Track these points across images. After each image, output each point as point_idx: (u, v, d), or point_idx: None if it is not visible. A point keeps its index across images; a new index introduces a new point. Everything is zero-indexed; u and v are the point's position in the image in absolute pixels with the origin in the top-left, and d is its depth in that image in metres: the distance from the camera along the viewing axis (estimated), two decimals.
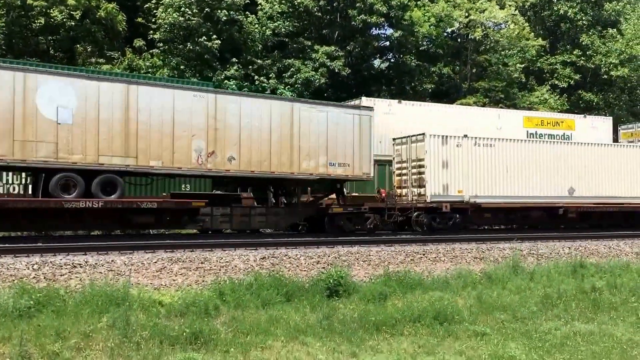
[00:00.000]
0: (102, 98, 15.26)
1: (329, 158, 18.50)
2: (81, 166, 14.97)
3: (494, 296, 12.67)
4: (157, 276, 12.01)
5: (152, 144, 15.82)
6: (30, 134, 14.44)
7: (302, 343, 9.56)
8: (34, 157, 14.49)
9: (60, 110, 14.77)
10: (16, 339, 8.27)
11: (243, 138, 17.09)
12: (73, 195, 14.86)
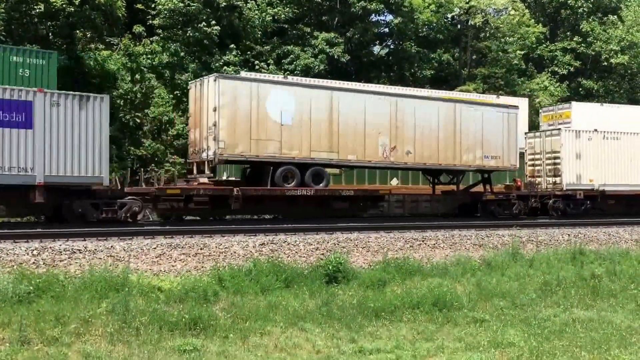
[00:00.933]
0: (314, 104, 18.30)
1: (484, 152, 21.26)
2: (298, 160, 18.03)
3: (493, 283, 12.70)
4: (157, 262, 12.01)
5: (349, 141, 18.83)
6: (262, 134, 17.45)
7: (301, 329, 9.58)
8: (264, 153, 17.52)
9: (283, 114, 17.72)
10: (16, 324, 8.29)
11: (417, 135, 19.96)
12: (292, 184, 17.92)
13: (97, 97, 15.40)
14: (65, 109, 14.78)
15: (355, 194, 19.40)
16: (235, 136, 17.02)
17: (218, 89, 16.92)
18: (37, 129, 14.36)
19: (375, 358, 8.38)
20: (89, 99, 15.18)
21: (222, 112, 16.86)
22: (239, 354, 8.33)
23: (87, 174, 14.99)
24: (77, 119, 14.90)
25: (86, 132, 14.99)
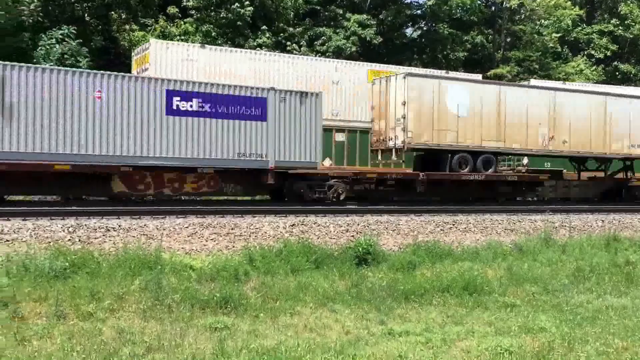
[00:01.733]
0: (484, 98, 20.13)
1: (631, 141, 22.74)
2: (471, 148, 19.92)
3: (524, 268, 12.55)
4: (189, 241, 12.17)
5: (514, 131, 20.60)
6: (442, 124, 19.43)
7: (330, 310, 9.63)
8: (444, 141, 19.51)
9: (460, 107, 19.64)
10: (52, 299, 8.50)
11: (572, 125, 21.57)
12: (465, 170, 19.86)
13: (313, 94, 17.74)
14: (290, 104, 17.15)
15: (519, 179, 21.33)
16: (420, 127, 19.20)
17: (407, 85, 19.11)
18: (270, 121, 16.84)
19: (405, 340, 8.37)
20: (307, 95, 17.56)
21: (410, 105, 19.05)
22: (269, 333, 8.42)
23: (305, 159, 17.32)
24: (298, 113, 17.26)
25: (305, 123, 17.34)
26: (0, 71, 13.85)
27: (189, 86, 15.91)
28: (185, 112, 15.70)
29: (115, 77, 15.12)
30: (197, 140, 15.86)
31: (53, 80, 14.32)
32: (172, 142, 15.57)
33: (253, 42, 30.48)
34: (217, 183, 16.99)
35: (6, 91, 13.87)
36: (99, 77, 14.91)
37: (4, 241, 10.71)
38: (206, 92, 15.98)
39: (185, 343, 7.67)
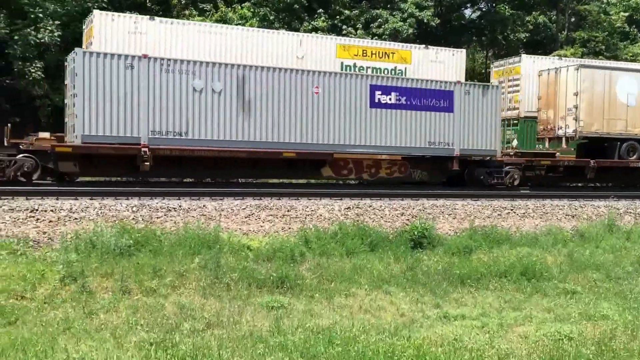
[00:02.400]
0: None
1: None
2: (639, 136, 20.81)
3: (586, 254, 12.21)
4: (246, 222, 12.41)
5: None
6: (612, 114, 20.33)
7: (385, 292, 9.66)
8: (614, 130, 20.40)
9: (629, 97, 20.46)
10: (118, 274, 8.87)
11: None
12: (633, 157, 20.55)
13: (493, 87, 19.09)
14: (473, 96, 18.25)
15: None
16: (591, 116, 20.12)
17: (579, 76, 20.07)
18: (456, 112, 18.01)
19: (460, 324, 8.33)
20: (488, 87, 18.80)
21: (582, 96, 20.00)
22: (324, 313, 8.53)
23: (486, 147, 18.42)
24: (480, 104, 18.31)
25: (486, 113, 18.36)
26: (242, 71, 15.81)
27: (388, 81, 17.67)
28: (385, 104, 17.38)
29: (329, 74, 17.02)
30: (395, 130, 17.45)
31: (282, 78, 16.27)
32: (374, 131, 17.24)
33: (309, 26, 30.48)
34: (407, 169, 18.59)
35: (246, 89, 15.79)
36: (317, 74, 16.81)
37: (73, 219, 11.21)
38: (402, 86, 17.57)
39: (243, 320, 7.88)
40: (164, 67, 15.00)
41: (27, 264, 8.93)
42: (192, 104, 15.22)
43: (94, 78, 14.35)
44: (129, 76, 14.61)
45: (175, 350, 6.56)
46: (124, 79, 14.58)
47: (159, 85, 14.90)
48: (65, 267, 8.75)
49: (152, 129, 14.86)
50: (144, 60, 14.86)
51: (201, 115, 15.33)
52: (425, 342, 7.26)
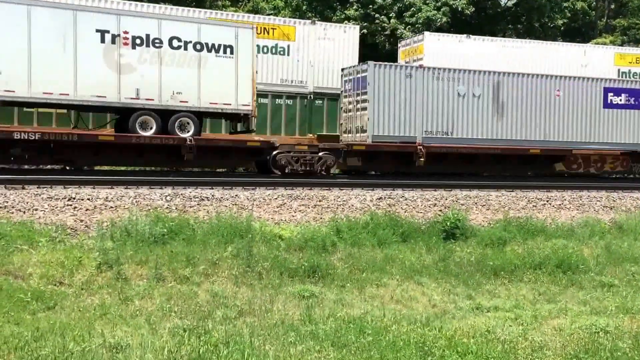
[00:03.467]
0: None
1: None
2: None
3: (624, 247, 11.94)
4: (278, 211, 12.46)
5: None
6: None
7: (417, 283, 9.62)
8: None
9: None
10: (152, 262, 9.02)
11: None
12: None
13: None
14: None
15: None
16: None
17: None
18: None
19: (494, 316, 8.24)
20: None
21: None
22: (355, 302, 8.54)
23: None
24: None
25: None
26: (497, 77, 18.13)
27: (619, 83, 19.65)
28: (616, 105, 19.34)
29: (570, 79, 19.09)
30: (622, 128, 19.28)
31: (529, 83, 18.43)
32: (605, 130, 19.19)
33: (341, 15, 30.33)
34: (628, 164, 20.30)
35: (500, 93, 18.09)
36: (559, 79, 18.94)
37: (109, 207, 11.43)
38: (630, 87, 19.54)
39: (274, 308, 7.94)
40: (435, 75, 17.61)
41: (64, 251, 9.14)
42: (456, 107, 17.75)
43: (381, 86, 17.19)
44: (408, 84, 17.38)
45: (208, 337, 6.65)
46: (404, 86, 17.34)
47: (431, 92, 17.51)
48: (101, 255, 8.93)
49: (425, 129, 17.53)
50: (420, 70, 17.77)
51: (463, 116, 17.84)
52: (457, 333, 7.21)
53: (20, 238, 9.35)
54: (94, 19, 14.49)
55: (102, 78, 14.44)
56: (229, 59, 15.62)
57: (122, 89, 14.66)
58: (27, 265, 8.53)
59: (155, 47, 14.91)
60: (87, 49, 14.32)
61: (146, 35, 14.82)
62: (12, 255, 8.77)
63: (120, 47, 14.63)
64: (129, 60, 14.71)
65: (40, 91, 14.01)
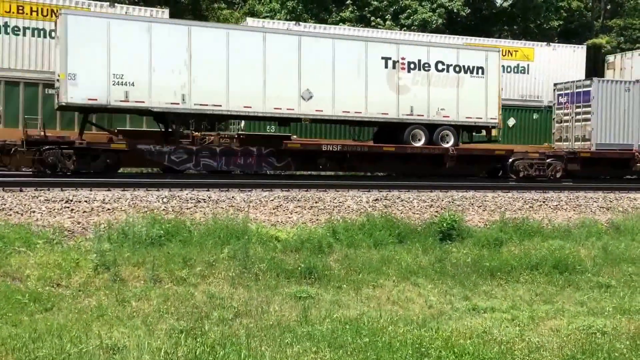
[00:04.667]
0: None
1: None
2: None
3: (621, 248, 11.97)
4: (274, 213, 12.47)
5: None
6: None
7: (413, 284, 9.62)
8: None
9: None
10: (149, 264, 9.01)
11: None
12: None
13: None
14: None
15: None
16: None
17: None
18: None
19: (490, 317, 8.25)
20: None
21: None
22: (352, 304, 8.54)
23: None
24: None
25: None
26: None
27: None
28: None
29: None
30: None
31: None
32: None
33: (336, 17, 30.37)
34: None
35: None
36: None
37: (106, 210, 11.43)
38: None
39: (271, 310, 7.93)
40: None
41: (62, 252, 9.14)
42: None
43: (604, 99, 19.45)
44: (626, 97, 19.47)
45: (204, 338, 6.65)
46: (623, 99, 19.54)
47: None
48: (98, 256, 8.92)
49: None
50: (636, 85, 19.85)
51: None
52: (454, 334, 7.22)
53: (18, 240, 9.35)
54: (380, 48, 17.55)
55: (385, 98, 17.48)
56: (480, 79, 18.44)
57: (400, 107, 17.64)
58: (25, 267, 8.53)
59: (424, 70, 17.85)
60: (374, 73, 17.36)
61: (418, 60, 17.79)
62: (9, 257, 8.77)
63: (399, 71, 17.62)
64: (405, 82, 17.71)
65: (340, 110, 17.18)
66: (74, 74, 14.83)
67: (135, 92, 15.30)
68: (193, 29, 16.02)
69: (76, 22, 14.96)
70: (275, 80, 16.46)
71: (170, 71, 15.62)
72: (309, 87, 16.76)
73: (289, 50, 16.63)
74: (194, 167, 16.28)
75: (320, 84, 16.80)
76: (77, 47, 14.88)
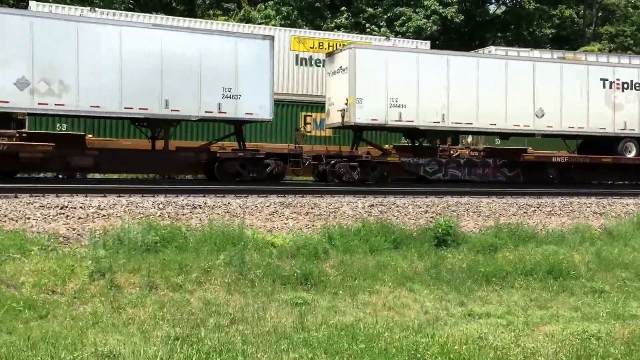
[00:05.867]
0: None
1: None
2: None
3: (614, 253, 12.04)
4: (270, 219, 12.48)
5: None
6: None
7: (409, 290, 9.64)
8: None
9: None
10: (144, 270, 9.00)
11: None
12: None
13: None
14: None
15: None
16: None
17: None
18: None
19: (485, 322, 8.28)
20: None
21: None
22: (348, 310, 8.55)
23: None
24: None
25: None
26: None
27: None
28: None
29: None
30: None
31: None
32: None
33: (331, 24, 30.48)
34: None
35: None
36: None
37: (101, 216, 11.40)
38: None
39: (267, 316, 7.93)
40: None
41: (57, 259, 9.11)
42: None
43: None
44: None
45: (200, 345, 6.65)
46: None
47: None
48: (94, 263, 8.90)
49: None
50: None
51: None
52: (450, 340, 7.23)
53: (13, 247, 9.31)
54: (598, 71, 20.04)
55: (603, 114, 19.80)
56: None
57: (615, 122, 19.95)
58: (20, 274, 8.50)
59: (635, 89, 20.24)
60: (594, 93, 19.75)
61: (630, 80, 20.26)
62: (4, 264, 8.73)
63: (614, 90, 20.02)
64: (620, 101, 20.09)
65: (566, 125, 19.64)
66: (361, 99, 17.52)
67: (406, 113, 17.92)
68: (451, 58, 18.78)
69: (362, 55, 17.75)
70: (515, 101, 18.97)
71: (433, 95, 18.16)
72: (541, 106, 19.22)
73: (525, 74, 19.15)
74: (442, 177, 18.86)
75: (550, 103, 19.30)
76: (363, 76, 17.57)
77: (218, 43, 16.26)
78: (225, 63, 16.17)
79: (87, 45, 14.86)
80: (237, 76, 16.26)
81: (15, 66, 14.24)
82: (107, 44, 15.07)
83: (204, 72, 15.91)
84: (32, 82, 14.35)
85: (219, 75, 16.08)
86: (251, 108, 16.49)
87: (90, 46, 14.89)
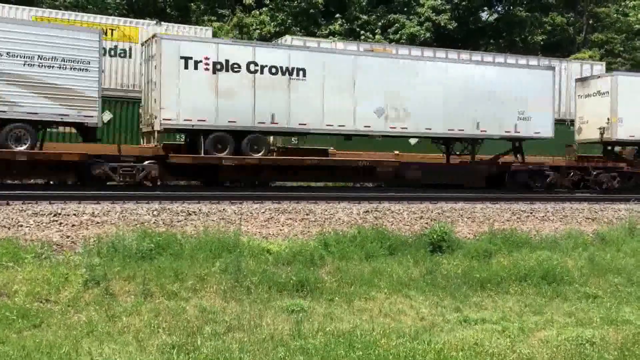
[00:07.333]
0: None
1: None
2: None
3: (607, 258, 12.10)
4: (265, 225, 12.47)
5: None
6: None
7: (405, 296, 9.65)
8: None
9: None
10: (139, 278, 8.94)
11: None
12: None
13: None
14: None
15: None
16: None
17: None
18: None
19: (481, 328, 8.30)
20: None
21: None
22: (344, 316, 8.54)
23: None
24: None
25: None
26: None
27: None
28: None
29: None
30: None
31: None
32: None
33: (325, 30, 30.56)
34: None
35: None
36: None
37: (95, 223, 11.36)
38: None
39: (263, 323, 7.91)
40: None
41: (51, 267, 9.04)
42: None
43: None
44: None
45: (196, 353, 6.62)
46: None
47: None
48: (88, 271, 8.84)
49: None
50: None
51: None
52: (446, 347, 7.25)
53: (5, 255, 9.24)
54: None
55: None
56: None
57: None
58: (13, 283, 8.43)
59: None
60: None
61: None
62: None
63: None
64: None
65: None
66: (621, 118, 20.74)
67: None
68: None
69: (623, 82, 21.07)
70: None
71: None
72: None
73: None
74: None
75: None
76: (624, 99, 20.71)
77: (514, 74, 19.78)
78: (519, 91, 19.35)
79: (421, 78, 18.25)
80: (527, 101, 19.33)
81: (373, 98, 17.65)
82: (435, 77, 18.45)
83: (503, 98, 19.14)
84: (385, 110, 17.82)
85: (515, 101, 19.24)
86: (539, 128, 19.58)
87: (423, 78, 18.28)
